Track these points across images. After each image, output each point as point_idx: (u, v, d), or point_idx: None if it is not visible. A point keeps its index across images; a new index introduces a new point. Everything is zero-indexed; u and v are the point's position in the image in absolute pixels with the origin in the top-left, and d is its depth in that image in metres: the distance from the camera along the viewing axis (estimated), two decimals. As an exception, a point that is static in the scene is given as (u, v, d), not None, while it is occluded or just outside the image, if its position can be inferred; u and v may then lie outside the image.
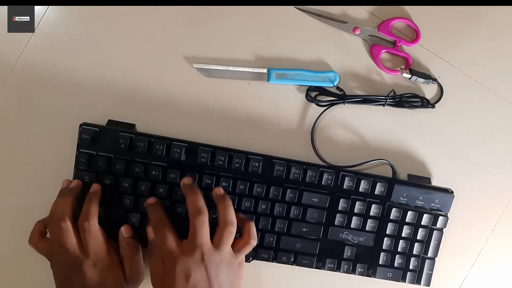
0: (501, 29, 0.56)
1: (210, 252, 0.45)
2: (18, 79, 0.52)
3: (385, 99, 0.54)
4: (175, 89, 0.54)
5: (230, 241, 0.46)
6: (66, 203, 0.47)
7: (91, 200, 0.47)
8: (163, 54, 0.53)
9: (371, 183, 0.53)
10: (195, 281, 0.44)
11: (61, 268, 0.47)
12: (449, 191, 0.55)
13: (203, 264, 0.44)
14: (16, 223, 0.53)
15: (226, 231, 0.46)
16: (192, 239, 0.45)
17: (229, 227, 0.46)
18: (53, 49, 0.52)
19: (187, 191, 0.48)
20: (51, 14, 0.52)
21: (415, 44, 0.55)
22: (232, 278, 0.47)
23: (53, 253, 0.47)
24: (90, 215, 0.46)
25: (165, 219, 0.47)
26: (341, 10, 0.55)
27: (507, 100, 0.56)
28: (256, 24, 0.54)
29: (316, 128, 0.55)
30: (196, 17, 0.53)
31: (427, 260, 0.54)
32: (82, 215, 0.46)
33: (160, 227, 0.46)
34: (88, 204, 0.47)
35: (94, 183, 0.49)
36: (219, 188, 0.49)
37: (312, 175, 0.52)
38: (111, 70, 0.53)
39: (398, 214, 0.53)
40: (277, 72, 0.54)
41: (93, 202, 0.47)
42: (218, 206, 0.47)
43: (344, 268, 0.53)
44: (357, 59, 0.55)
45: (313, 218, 0.52)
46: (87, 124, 0.50)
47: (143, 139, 0.50)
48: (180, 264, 0.44)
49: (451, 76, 0.56)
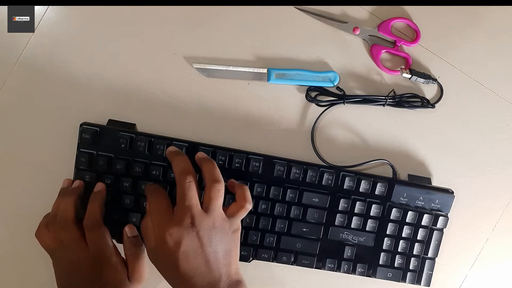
0: (501, 29, 0.56)
1: (200, 215, 0.42)
2: (18, 79, 0.52)
3: (385, 99, 0.54)
4: (175, 89, 0.54)
5: (219, 200, 0.44)
6: (69, 202, 0.46)
7: (96, 199, 0.47)
8: (163, 54, 0.53)
9: (372, 183, 0.53)
10: (187, 248, 0.41)
11: (63, 267, 0.47)
12: (449, 192, 0.55)
13: (194, 230, 0.42)
14: (16, 223, 0.53)
15: (213, 189, 0.43)
16: (181, 203, 0.43)
17: (214, 184, 0.43)
18: (53, 49, 0.52)
19: (173, 156, 0.46)
20: (51, 14, 0.52)
21: (415, 44, 0.55)
22: (227, 246, 0.44)
23: (55, 251, 0.47)
24: (95, 215, 0.46)
25: (159, 188, 0.46)
26: (341, 10, 0.55)
27: (507, 100, 0.56)
28: (256, 24, 0.54)
29: (316, 128, 0.55)
30: (196, 17, 0.53)
31: (427, 260, 0.54)
32: (88, 215, 0.46)
33: (153, 194, 0.45)
34: (93, 203, 0.47)
35: (98, 182, 0.49)
36: (201, 152, 0.48)
37: (313, 175, 0.52)
38: (111, 70, 0.53)
39: (398, 214, 0.53)
40: (277, 72, 0.54)
41: (98, 201, 0.47)
42: (202, 168, 0.46)
43: (344, 268, 0.53)
44: (357, 59, 0.55)
45: (314, 218, 0.52)
46: (87, 123, 0.50)
47: (143, 139, 0.50)
48: (170, 231, 0.42)
49: (451, 76, 0.56)
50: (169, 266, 0.42)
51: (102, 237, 0.46)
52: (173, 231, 0.42)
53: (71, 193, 0.48)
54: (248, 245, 0.52)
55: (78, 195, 0.48)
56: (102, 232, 0.46)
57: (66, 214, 0.46)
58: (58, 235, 0.46)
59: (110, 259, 0.46)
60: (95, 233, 0.46)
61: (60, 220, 0.46)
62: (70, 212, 0.46)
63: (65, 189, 0.49)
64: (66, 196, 0.47)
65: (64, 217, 0.46)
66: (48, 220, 0.48)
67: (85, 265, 0.45)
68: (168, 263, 0.42)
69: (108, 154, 0.50)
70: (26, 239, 0.52)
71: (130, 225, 0.48)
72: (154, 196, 0.45)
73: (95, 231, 0.46)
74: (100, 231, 0.46)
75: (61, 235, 0.46)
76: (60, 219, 0.46)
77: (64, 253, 0.46)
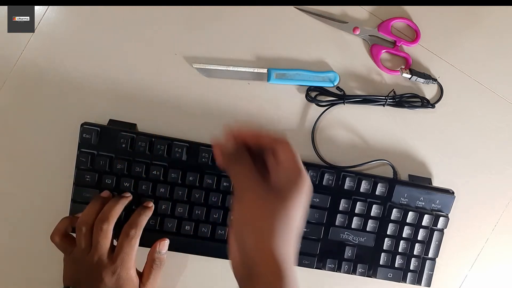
0: (501, 29, 0.56)
1: None
2: (18, 79, 0.52)
3: (385, 99, 0.54)
4: (176, 89, 0.54)
5: None
6: (113, 207, 0.47)
7: (140, 213, 0.49)
8: (163, 54, 0.53)
9: (372, 183, 0.53)
10: None
11: (79, 266, 0.47)
12: (449, 192, 0.55)
13: None
14: (16, 223, 0.53)
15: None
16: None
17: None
18: (53, 49, 0.52)
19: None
20: (51, 14, 0.52)
21: (415, 44, 0.55)
22: None
23: (75, 251, 0.47)
24: (137, 224, 0.48)
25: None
26: (341, 10, 0.55)
27: (507, 100, 0.57)
28: (256, 24, 0.54)
29: (316, 128, 0.55)
30: (196, 17, 0.53)
31: (427, 260, 0.54)
32: (130, 223, 0.48)
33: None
34: (137, 215, 0.49)
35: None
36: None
37: (313, 175, 0.52)
38: (112, 70, 0.53)
39: (399, 214, 0.53)
40: (277, 72, 0.54)
41: (142, 214, 0.49)
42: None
43: (344, 269, 0.53)
44: (357, 59, 0.55)
45: (314, 218, 0.52)
46: (88, 123, 0.50)
47: (144, 139, 0.50)
48: None
49: (451, 76, 0.56)
50: None
51: (132, 250, 0.47)
52: None
53: (118, 200, 0.48)
54: (248, 245, 0.52)
55: (123, 204, 0.49)
56: (134, 244, 0.47)
57: (109, 218, 0.46)
58: (88, 239, 0.46)
59: (128, 270, 0.47)
60: (130, 244, 0.47)
61: (101, 222, 0.46)
62: (112, 217, 0.47)
63: (105, 198, 0.49)
64: (113, 204, 0.48)
65: (105, 220, 0.46)
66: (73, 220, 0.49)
67: (103, 270, 0.46)
68: None
69: (108, 154, 0.50)
70: (26, 239, 0.53)
71: (164, 241, 0.50)
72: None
73: (130, 242, 0.47)
74: (135, 242, 0.47)
75: (97, 236, 0.46)
76: (101, 220, 0.46)
77: (87, 254, 0.46)
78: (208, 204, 0.51)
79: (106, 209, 0.47)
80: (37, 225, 0.52)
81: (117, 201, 0.48)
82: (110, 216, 0.46)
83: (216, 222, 0.51)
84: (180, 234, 0.51)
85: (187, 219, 0.51)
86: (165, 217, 0.51)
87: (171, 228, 0.51)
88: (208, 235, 0.51)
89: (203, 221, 0.51)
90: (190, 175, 0.50)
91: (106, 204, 0.48)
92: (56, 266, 0.49)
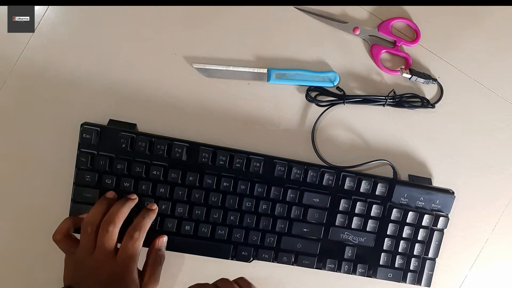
0: (501, 29, 0.56)
1: None
2: (18, 79, 0.52)
3: (385, 99, 0.54)
4: (176, 89, 0.54)
5: None
6: (120, 209, 0.47)
7: (144, 215, 0.49)
8: (163, 54, 0.53)
9: (372, 183, 0.53)
10: None
11: (81, 266, 0.47)
12: (449, 192, 0.55)
13: None
14: (16, 222, 0.53)
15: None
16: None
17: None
18: (53, 49, 0.52)
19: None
20: (51, 14, 0.52)
21: (415, 44, 0.55)
22: None
23: (78, 251, 0.47)
24: (141, 227, 0.48)
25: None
26: (341, 10, 0.55)
27: (507, 100, 0.57)
28: (256, 24, 0.54)
29: (316, 128, 0.55)
30: (196, 17, 0.53)
31: (427, 260, 0.54)
32: (134, 226, 0.48)
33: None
34: (141, 217, 0.49)
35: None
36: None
37: (313, 175, 0.52)
38: (112, 70, 0.53)
39: (399, 214, 0.53)
40: (277, 72, 0.54)
41: (146, 217, 0.49)
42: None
43: (344, 269, 0.53)
44: (357, 59, 0.55)
45: (314, 219, 0.52)
46: (88, 123, 0.50)
47: (144, 139, 0.50)
48: None
49: (451, 76, 0.56)
50: None
51: (136, 252, 0.47)
52: None
53: (125, 202, 0.48)
54: (248, 245, 0.52)
55: (129, 206, 0.49)
56: (138, 247, 0.47)
57: (115, 219, 0.46)
58: (92, 240, 0.46)
59: (132, 273, 0.47)
60: (134, 246, 0.47)
61: (108, 223, 0.46)
62: (119, 218, 0.47)
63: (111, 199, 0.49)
64: (120, 206, 0.48)
65: (111, 222, 0.46)
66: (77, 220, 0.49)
67: (106, 269, 0.46)
68: None
69: (109, 154, 0.50)
70: (26, 239, 0.53)
71: (163, 238, 0.50)
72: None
73: (134, 244, 0.47)
74: (139, 245, 0.47)
75: (103, 236, 0.46)
76: (108, 222, 0.46)
77: (90, 254, 0.46)
78: (208, 204, 0.51)
79: (112, 211, 0.47)
80: (38, 225, 0.52)
81: (124, 204, 0.48)
82: (117, 218, 0.46)
83: (216, 222, 0.52)
84: (180, 234, 0.51)
85: (187, 219, 0.51)
86: (165, 217, 0.51)
87: (171, 228, 0.51)
88: (208, 235, 0.52)
89: (203, 221, 0.51)
90: (190, 175, 0.50)
91: (111, 205, 0.48)
92: (56, 266, 0.48)
